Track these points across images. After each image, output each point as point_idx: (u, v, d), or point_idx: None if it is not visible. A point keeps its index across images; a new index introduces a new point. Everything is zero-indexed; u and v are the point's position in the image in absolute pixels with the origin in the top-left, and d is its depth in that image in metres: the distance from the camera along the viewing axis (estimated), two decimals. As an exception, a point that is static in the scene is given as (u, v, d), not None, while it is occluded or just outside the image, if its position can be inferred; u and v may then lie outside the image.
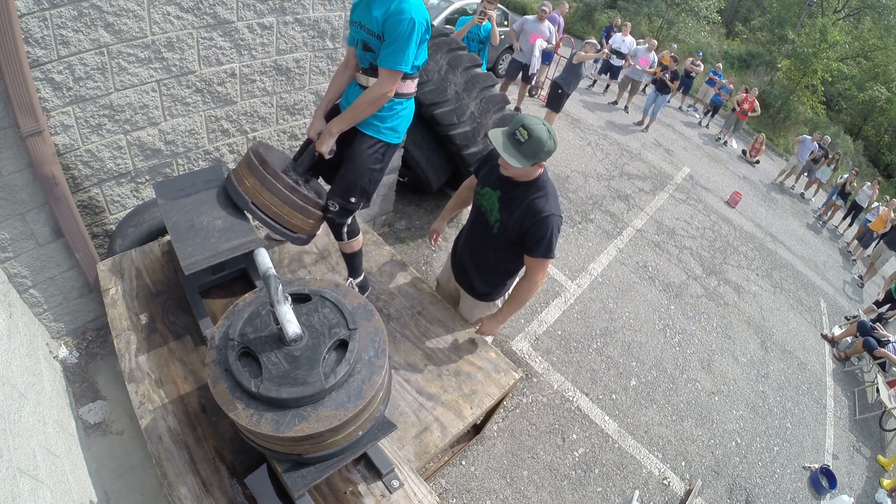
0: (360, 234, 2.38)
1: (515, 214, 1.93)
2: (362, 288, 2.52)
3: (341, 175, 2.10)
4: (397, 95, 1.98)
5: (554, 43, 7.34)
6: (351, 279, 2.49)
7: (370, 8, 1.82)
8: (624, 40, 9.32)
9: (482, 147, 3.90)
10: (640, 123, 9.35)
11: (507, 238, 2.00)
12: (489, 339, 2.58)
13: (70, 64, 1.92)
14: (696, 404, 3.89)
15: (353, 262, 2.44)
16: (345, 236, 2.27)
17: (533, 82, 7.34)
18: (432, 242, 2.55)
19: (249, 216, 1.97)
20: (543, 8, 6.83)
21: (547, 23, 6.85)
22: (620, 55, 9.24)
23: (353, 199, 2.11)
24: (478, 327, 2.34)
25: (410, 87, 2.03)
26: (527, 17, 7.03)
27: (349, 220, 2.23)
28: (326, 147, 2.00)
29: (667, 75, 8.85)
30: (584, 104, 9.39)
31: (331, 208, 2.11)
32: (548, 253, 1.93)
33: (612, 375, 3.78)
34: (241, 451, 1.71)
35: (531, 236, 1.91)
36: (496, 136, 1.81)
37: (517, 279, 2.21)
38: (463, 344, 2.41)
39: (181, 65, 2.24)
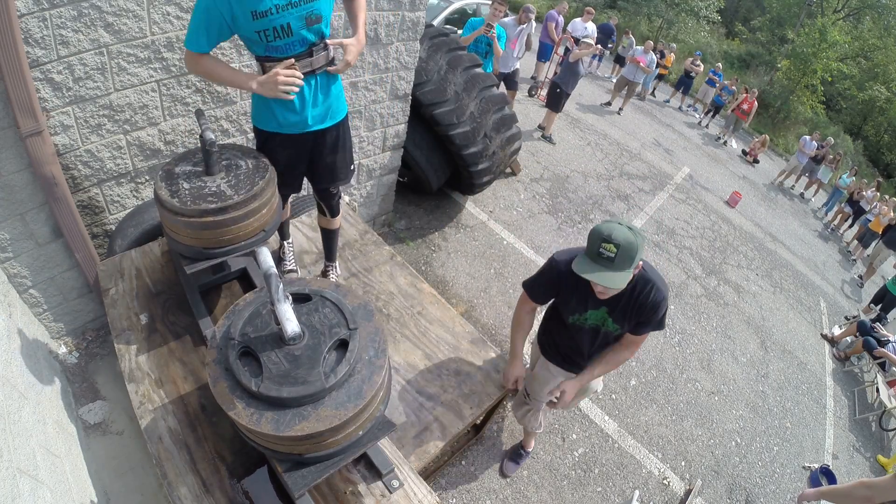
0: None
1: (630, 316, 1.87)
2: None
3: (339, 162, 2.09)
4: None
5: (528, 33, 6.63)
6: (335, 265, 2.53)
7: None
8: (586, 27, 8.50)
9: (482, 147, 3.90)
10: (640, 97, 10.90)
11: (627, 331, 1.98)
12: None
13: (70, 64, 1.92)
14: (696, 404, 3.89)
15: (336, 243, 2.48)
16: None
17: (516, 88, 6.56)
18: (512, 387, 2.32)
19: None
20: (528, 8, 6.13)
21: (527, 25, 6.24)
22: (576, 41, 8.23)
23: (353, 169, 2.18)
24: (557, 394, 2.16)
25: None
26: (505, 20, 6.01)
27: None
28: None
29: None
30: (583, 104, 9.39)
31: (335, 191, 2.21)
32: (659, 327, 1.91)
33: (611, 375, 3.78)
34: (242, 451, 1.71)
35: (645, 323, 1.88)
36: (582, 268, 1.63)
37: None
38: (463, 344, 2.41)
39: (181, 65, 2.24)
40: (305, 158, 2.02)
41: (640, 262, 1.70)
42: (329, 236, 2.41)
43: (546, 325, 2.23)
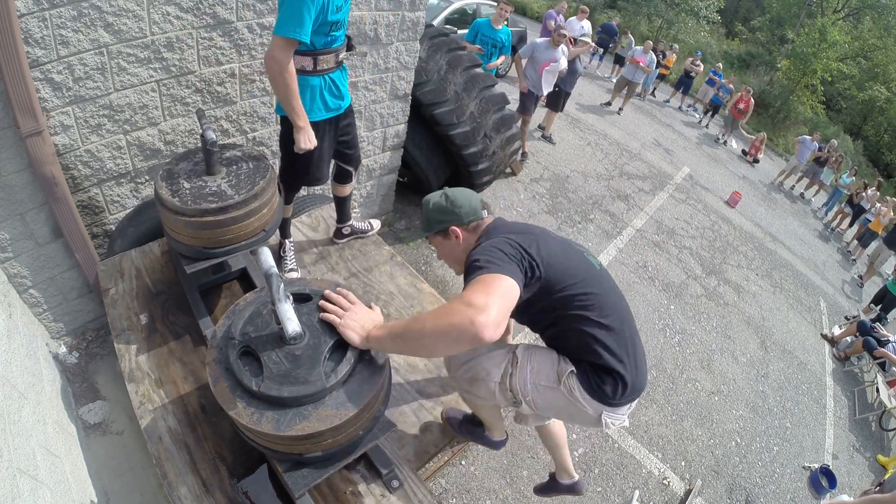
0: None
1: None
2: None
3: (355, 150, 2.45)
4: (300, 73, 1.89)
5: (566, 68, 6.15)
6: (348, 223, 2.74)
7: None
8: (582, 26, 8.30)
9: (482, 147, 3.90)
10: (640, 97, 11.25)
11: None
12: None
13: (70, 64, 1.92)
14: (696, 404, 3.89)
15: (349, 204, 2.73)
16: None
17: (531, 113, 6.06)
18: None
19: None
20: (559, 26, 5.66)
21: (562, 47, 5.62)
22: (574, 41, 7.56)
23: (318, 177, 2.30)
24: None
25: (300, 62, 1.92)
26: (537, 41, 5.64)
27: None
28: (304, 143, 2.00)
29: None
30: (583, 104, 9.39)
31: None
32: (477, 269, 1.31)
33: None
34: (242, 451, 1.71)
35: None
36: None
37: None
38: (463, 344, 2.41)
39: (181, 65, 2.24)
40: (337, 136, 2.29)
41: (462, 236, 1.62)
42: (347, 201, 2.66)
43: None
